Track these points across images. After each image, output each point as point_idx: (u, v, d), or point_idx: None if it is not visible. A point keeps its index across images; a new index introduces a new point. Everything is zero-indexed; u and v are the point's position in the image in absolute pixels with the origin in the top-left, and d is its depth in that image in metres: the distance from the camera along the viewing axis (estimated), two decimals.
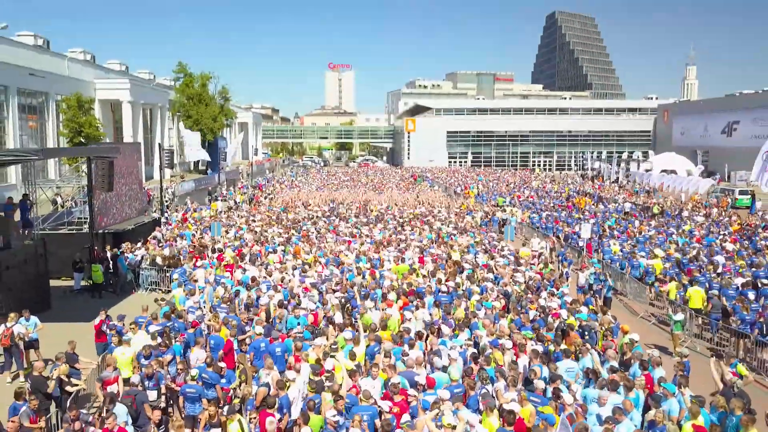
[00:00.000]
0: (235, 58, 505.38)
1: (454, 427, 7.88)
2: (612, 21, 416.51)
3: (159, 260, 20.60)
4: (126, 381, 10.25)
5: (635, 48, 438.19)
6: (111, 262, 20.69)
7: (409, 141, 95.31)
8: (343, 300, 14.67)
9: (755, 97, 71.06)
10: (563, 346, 11.25)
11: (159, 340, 11.41)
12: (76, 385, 10.54)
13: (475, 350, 11.09)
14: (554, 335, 12.05)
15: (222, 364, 10.50)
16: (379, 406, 8.77)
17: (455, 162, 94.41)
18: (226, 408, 8.84)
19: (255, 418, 8.81)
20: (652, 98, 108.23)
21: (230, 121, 72.62)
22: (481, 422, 8.36)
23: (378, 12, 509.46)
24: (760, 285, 17.19)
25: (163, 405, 9.93)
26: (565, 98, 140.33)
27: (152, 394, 9.94)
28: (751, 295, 15.69)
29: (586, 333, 12.44)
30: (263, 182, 56.83)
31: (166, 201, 35.02)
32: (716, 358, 10.25)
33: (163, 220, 28.31)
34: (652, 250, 22.22)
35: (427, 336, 12.17)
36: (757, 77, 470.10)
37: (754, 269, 19.31)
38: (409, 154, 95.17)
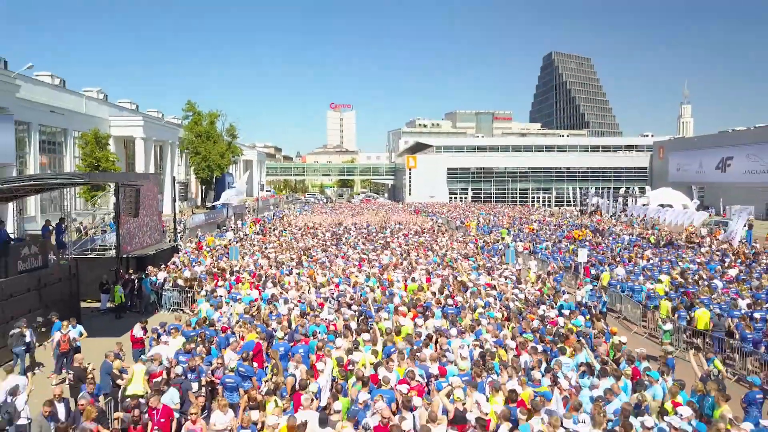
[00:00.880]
0: (238, 98, 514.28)
1: (464, 403, 9.15)
2: (607, 61, 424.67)
3: (180, 282, 21.87)
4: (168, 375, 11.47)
5: (631, 87, 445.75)
6: (135, 284, 21.97)
7: (410, 178, 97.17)
8: (357, 312, 15.91)
9: (748, 133, 73.17)
10: (560, 346, 12.49)
11: (193, 345, 12.65)
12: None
13: (482, 349, 12.33)
14: (552, 338, 13.29)
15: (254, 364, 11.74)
16: (398, 390, 9.97)
17: (456, 198, 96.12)
18: (264, 389, 10.05)
19: (288, 405, 9.99)
20: (648, 135, 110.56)
21: (236, 158, 74.68)
22: (487, 401, 9.58)
23: (378, 53, 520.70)
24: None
25: (204, 395, 11.09)
26: (563, 136, 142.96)
27: (194, 386, 11.13)
28: (757, 315, 16.48)
29: (581, 338, 13.67)
30: (271, 216, 58.31)
31: (179, 233, 36.34)
32: (695, 351, 11.49)
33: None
34: (651, 276, 23.33)
35: (437, 340, 13.41)
36: (751, 114, 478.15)
37: (754, 291, 20.22)
38: (410, 190, 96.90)
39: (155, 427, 9.27)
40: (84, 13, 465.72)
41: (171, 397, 9.97)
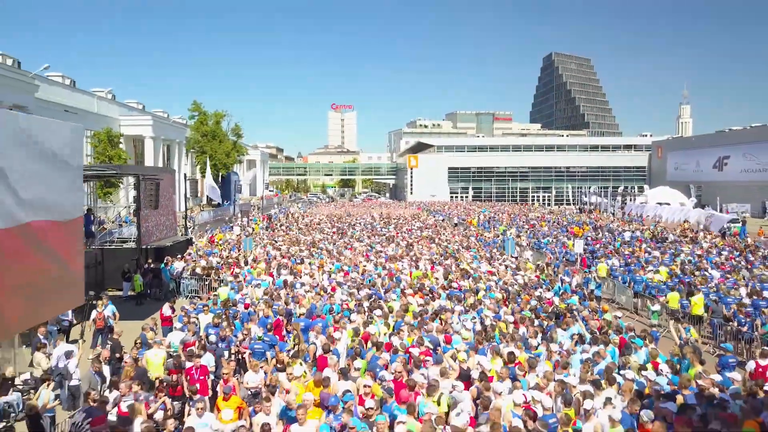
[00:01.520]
0: (239, 99, 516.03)
1: (466, 362, 10.41)
2: (607, 62, 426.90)
3: (198, 270, 23.11)
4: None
5: (630, 87, 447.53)
6: (155, 273, 23.20)
7: (411, 177, 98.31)
8: (368, 295, 17.12)
9: (744, 133, 74.30)
10: (555, 321, 13.75)
11: (218, 320, 13.89)
12: None
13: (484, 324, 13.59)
14: (547, 314, 14.55)
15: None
16: (410, 353, 11.20)
17: (457, 197, 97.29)
18: (291, 352, 11.30)
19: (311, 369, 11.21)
20: (646, 135, 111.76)
21: (241, 157, 75.93)
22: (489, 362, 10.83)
23: (379, 54, 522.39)
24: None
25: (234, 361, 12.30)
26: (563, 136, 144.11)
27: (225, 353, 12.35)
28: (746, 301, 16.99)
29: (576, 313, 14.92)
30: (277, 213, 59.60)
31: (189, 229, 37.55)
32: (675, 321, 12.73)
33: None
34: (645, 267, 24.47)
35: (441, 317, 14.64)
36: (748, 114, 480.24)
37: (748, 281, 21.23)
38: (411, 189, 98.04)
39: (194, 384, 10.47)
40: (85, 13, 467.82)
41: (207, 360, 11.20)
